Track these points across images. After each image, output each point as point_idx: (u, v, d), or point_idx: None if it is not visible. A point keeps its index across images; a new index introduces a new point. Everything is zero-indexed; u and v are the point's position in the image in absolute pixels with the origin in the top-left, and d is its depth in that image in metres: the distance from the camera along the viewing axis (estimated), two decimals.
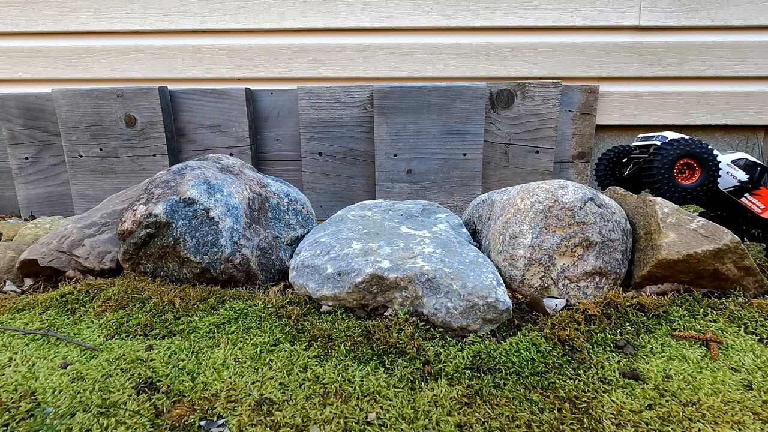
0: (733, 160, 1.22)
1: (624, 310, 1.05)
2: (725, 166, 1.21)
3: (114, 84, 2.03)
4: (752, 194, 1.21)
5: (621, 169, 1.34)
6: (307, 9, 1.98)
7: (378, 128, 1.92)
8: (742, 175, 1.21)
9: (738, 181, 1.21)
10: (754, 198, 1.21)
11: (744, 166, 1.22)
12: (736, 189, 1.22)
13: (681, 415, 0.75)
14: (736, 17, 1.95)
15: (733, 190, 1.22)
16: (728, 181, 1.22)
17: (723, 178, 1.21)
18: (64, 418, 0.74)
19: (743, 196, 1.22)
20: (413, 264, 1.05)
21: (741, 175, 1.21)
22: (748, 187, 1.21)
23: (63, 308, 1.10)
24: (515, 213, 1.18)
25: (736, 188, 1.22)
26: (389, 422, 0.74)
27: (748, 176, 1.21)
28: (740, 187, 1.21)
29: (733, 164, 1.22)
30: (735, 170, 1.21)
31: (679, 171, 1.18)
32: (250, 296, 1.15)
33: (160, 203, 1.16)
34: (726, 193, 1.23)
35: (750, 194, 1.21)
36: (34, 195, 2.04)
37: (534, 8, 1.96)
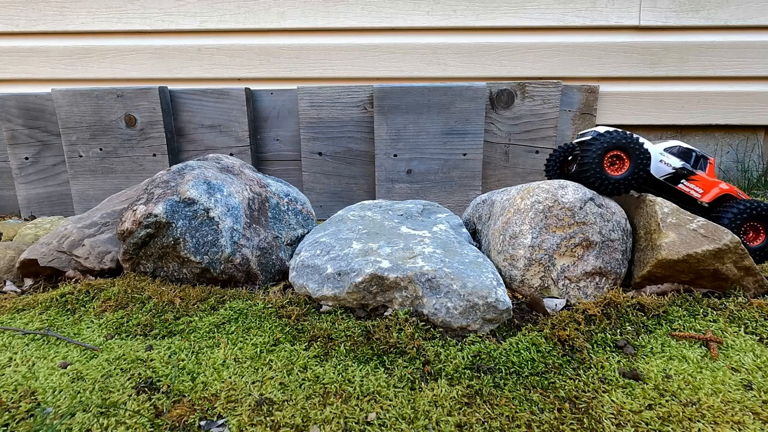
0: (666, 149, 1.23)
1: (624, 310, 1.05)
2: (658, 155, 1.22)
3: (114, 84, 2.03)
4: (689, 180, 1.23)
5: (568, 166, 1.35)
6: (307, 9, 1.98)
7: (378, 128, 1.92)
8: (677, 162, 1.22)
9: (673, 168, 1.22)
10: (692, 183, 1.23)
11: (678, 153, 1.23)
12: (672, 176, 1.23)
13: (681, 415, 0.75)
14: (736, 17, 1.95)
15: (669, 177, 1.23)
16: (663, 169, 1.23)
17: (658, 166, 1.22)
18: (64, 418, 0.74)
19: (680, 182, 1.23)
20: (413, 264, 1.05)
21: (675, 162, 1.22)
22: (683, 173, 1.22)
23: (63, 308, 1.10)
24: (515, 213, 1.18)
25: (672, 175, 1.23)
26: (389, 422, 0.74)
27: (683, 162, 1.22)
28: (676, 174, 1.23)
29: (666, 152, 1.23)
30: (669, 158, 1.22)
31: (610, 163, 1.20)
32: (250, 296, 1.15)
33: (160, 203, 1.16)
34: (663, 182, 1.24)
35: (687, 180, 1.23)
36: (34, 195, 2.04)
37: (534, 8, 1.96)
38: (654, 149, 1.22)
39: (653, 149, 1.22)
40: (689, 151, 1.23)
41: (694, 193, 1.23)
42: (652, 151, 1.21)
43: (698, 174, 1.23)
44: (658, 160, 1.22)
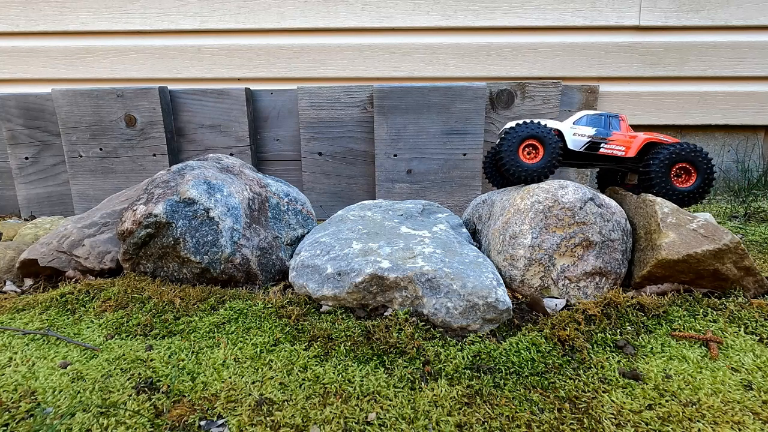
0: (574, 122, 1.26)
1: (624, 310, 1.05)
2: (569, 130, 1.25)
3: (114, 84, 2.03)
4: (607, 143, 1.25)
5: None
6: (307, 9, 1.98)
7: (378, 128, 1.92)
8: (590, 130, 1.25)
9: (588, 137, 1.25)
10: (611, 144, 1.25)
11: (588, 121, 1.26)
12: (590, 144, 1.25)
13: (681, 415, 0.75)
14: (736, 17, 1.95)
15: (588, 146, 1.26)
16: (580, 141, 1.25)
17: (574, 140, 1.25)
18: (64, 418, 0.74)
19: (600, 147, 1.25)
20: (413, 264, 1.05)
21: (588, 130, 1.25)
22: (600, 138, 1.25)
23: (63, 308, 1.10)
24: (515, 213, 1.18)
25: (590, 143, 1.25)
26: (389, 422, 0.74)
27: (596, 128, 1.25)
28: (593, 141, 1.25)
29: (576, 125, 1.26)
30: (580, 129, 1.25)
31: (527, 153, 1.23)
32: (250, 296, 1.15)
33: (160, 203, 1.16)
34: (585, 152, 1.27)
35: (606, 143, 1.25)
36: (34, 195, 2.04)
37: (534, 8, 1.96)
38: (565, 126, 1.26)
39: (565, 126, 1.25)
40: (598, 115, 1.26)
41: (618, 153, 1.25)
42: (564, 129, 1.25)
43: (614, 134, 1.25)
44: (572, 134, 1.25)
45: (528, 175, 1.23)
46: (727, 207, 1.90)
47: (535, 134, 1.21)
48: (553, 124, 1.26)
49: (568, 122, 1.26)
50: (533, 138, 1.21)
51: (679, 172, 1.21)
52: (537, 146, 1.22)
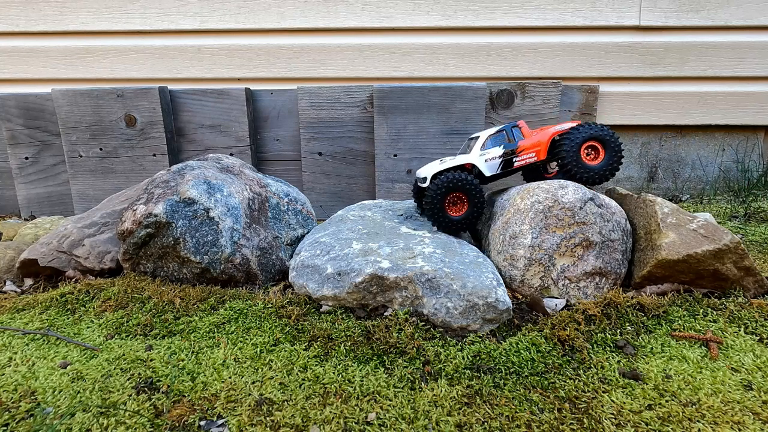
0: (480, 148, 1.26)
1: (624, 310, 1.05)
2: (480, 159, 1.25)
3: (114, 84, 2.03)
4: (518, 155, 1.25)
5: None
6: (307, 9, 1.98)
7: (378, 128, 1.92)
8: (497, 150, 1.25)
9: (499, 157, 1.25)
10: (522, 155, 1.25)
11: (493, 141, 1.26)
12: (504, 162, 1.26)
13: (681, 415, 0.75)
14: (736, 17, 1.95)
15: (504, 164, 1.26)
16: (494, 164, 1.26)
17: (488, 166, 1.26)
18: (64, 418, 0.74)
19: (514, 161, 1.26)
20: (413, 264, 1.05)
21: (496, 151, 1.25)
22: (509, 153, 1.25)
23: (63, 308, 1.10)
24: (515, 213, 1.18)
25: (504, 161, 1.26)
26: (389, 422, 0.74)
27: (502, 146, 1.25)
28: (505, 159, 1.25)
29: (483, 151, 1.26)
30: (489, 153, 1.25)
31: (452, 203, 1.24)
32: (250, 296, 1.15)
33: (160, 203, 1.16)
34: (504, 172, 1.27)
35: (517, 156, 1.25)
36: (34, 195, 2.04)
37: (534, 8, 1.96)
38: (474, 156, 1.25)
39: (474, 157, 1.25)
40: (498, 132, 1.26)
41: (530, 160, 1.26)
42: (476, 160, 1.25)
43: (520, 144, 1.25)
44: (484, 161, 1.25)
45: (452, 226, 1.24)
46: (727, 207, 1.90)
47: (457, 186, 1.21)
48: (465, 158, 1.24)
49: (476, 150, 1.26)
50: (457, 191, 1.21)
51: (589, 151, 1.22)
52: (463, 198, 1.23)
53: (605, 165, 1.23)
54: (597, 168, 1.22)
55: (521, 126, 1.27)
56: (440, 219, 1.23)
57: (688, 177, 2.18)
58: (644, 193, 1.27)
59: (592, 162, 1.23)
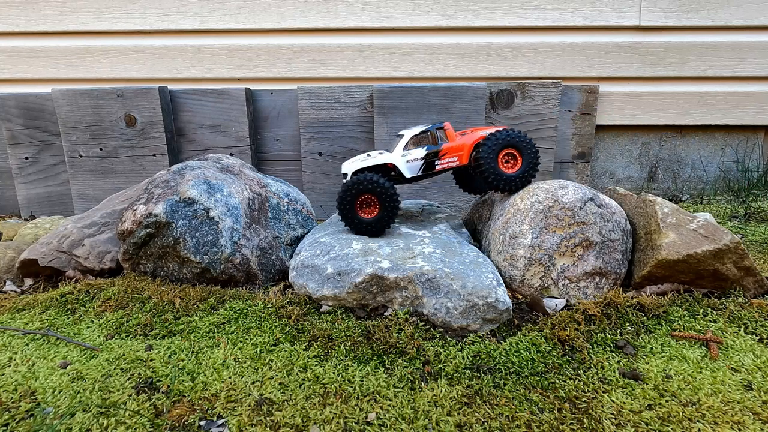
0: (403, 149, 1.23)
1: (624, 310, 1.05)
2: (401, 159, 1.22)
3: (114, 84, 2.03)
4: (440, 158, 1.23)
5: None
6: (307, 9, 1.98)
7: (378, 128, 1.92)
8: (420, 151, 1.22)
9: (421, 159, 1.22)
10: (445, 159, 1.23)
11: (416, 142, 1.23)
12: (426, 164, 1.23)
13: (681, 415, 0.75)
14: (736, 17, 1.95)
15: (425, 166, 1.23)
16: (416, 166, 1.23)
17: (410, 167, 1.23)
18: (64, 418, 0.74)
19: (436, 164, 1.23)
20: (413, 264, 1.05)
21: (419, 152, 1.22)
22: (431, 155, 1.22)
23: (63, 308, 1.10)
24: (515, 213, 1.18)
25: (426, 164, 1.23)
26: (389, 422, 0.74)
27: (425, 147, 1.23)
28: (427, 161, 1.23)
29: (406, 151, 1.23)
30: (411, 153, 1.22)
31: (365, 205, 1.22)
32: (250, 296, 1.15)
33: (160, 203, 1.16)
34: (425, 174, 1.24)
35: (439, 159, 1.23)
36: (34, 195, 2.04)
37: (534, 8, 1.96)
38: (396, 156, 1.22)
39: (396, 157, 1.22)
40: (422, 132, 1.23)
41: (454, 164, 1.24)
42: (397, 160, 1.22)
43: (444, 147, 1.23)
44: (406, 162, 1.23)
45: (367, 229, 1.22)
46: (727, 207, 1.90)
47: (369, 189, 1.19)
48: (386, 158, 1.22)
49: (399, 150, 1.23)
50: (368, 192, 1.19)
51: (507, 158, 1.20)
52: (374, 200, 1.20)
53: (522, 173, 1.21)
54: (514, 176, 1.20)
55: (446, 128, 1.24)
56: (351, 220, 1.21)
57: (688, 177, 2.18)
58: (644, 193, 1.27)
59: (509, 170, 1.21)
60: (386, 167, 1.24)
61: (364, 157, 1.26)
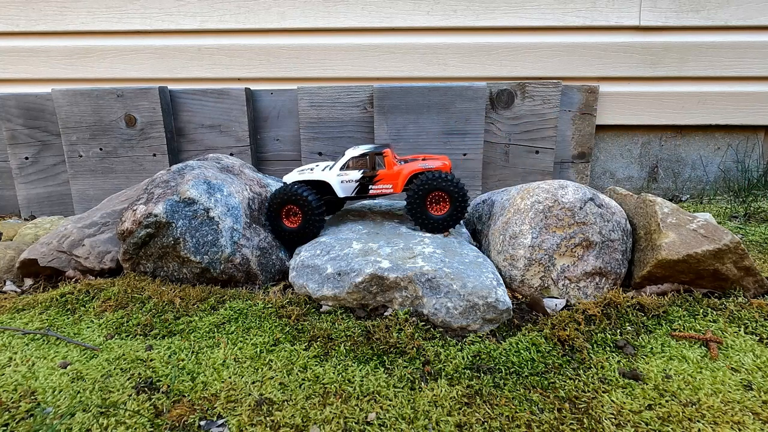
0: (341, 168, 1.25)
1: (624, 310, 1.05)
2: (336, 179, 1.24)
3: (114, 84, 2.03)
4: (374, 183, 1.24)
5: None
6: (307, 9, 1.98)
7: (378, 128, 1.92)
8: (356, 174, 1.24)
9: (356, 181, 1.24)
10: (379, 185, 1.24)
11: (355, 164, 1.25)
12: (360, 187, 1.24)
13: (681, 415, 0.75)
14: (736, 17, 1.95)
15: (359, 189, 1.25)
16: (349, 187, 1.25)
17: (343, 187, 1.25)
18: (64, 418, 0.74)
19: (369, 189, 1.24)
20: (413, 264, 1.05)
21: (355, 174, 1.24)
22: (366, 179, 1.24)
23: (63, 308, 1.10)
24: (515, 213, 1.18)
25: (360, 186, 1.24)
26: (389, 422, 0.74)
27: (362, 171, 1.24)
28: (362, 184, 1.24)
29: (343, 171, 1.25)
30: (347, 174, 1.24)
31: (287, 215, 1.26)
32: (250, 296, 1.15)
33: (160, 203, 1.16)
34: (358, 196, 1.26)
35: (373, 184, 1.24)
36: (34, 195, 2.04)
37: (534, 8, 1.96)
38: (332, 175, 1.24)
39: (332, 176, 1.24)
40: (363, 155, 1.24)
41: (386, 191, 1.24)
42: (332, 179, 1.24)
43: (380, 173, 1.24)
44: (340, 182, 1.24)
45: (291, 237, 1.25)
46: (727, 207, 1.90)
47: (291, 199, 1.22)
48: (322, 175, 1.24)
49: (336, 168, 1.25)
50: (291, 203, 1.23)
51: (437, 199, 1.21)
52: (297, 211, 1.24)
53: (449, 216, 1.21)
54: (440, 218, 1.21)
55: (386, 154, 1.25)
56: (275, 227, 1.26)
57: (688, 177, 2.18)
58: (644, 193, 1.27)
59: (437, 213, 1.22)
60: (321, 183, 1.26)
61: (309, 168, 1.29)
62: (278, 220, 1.26)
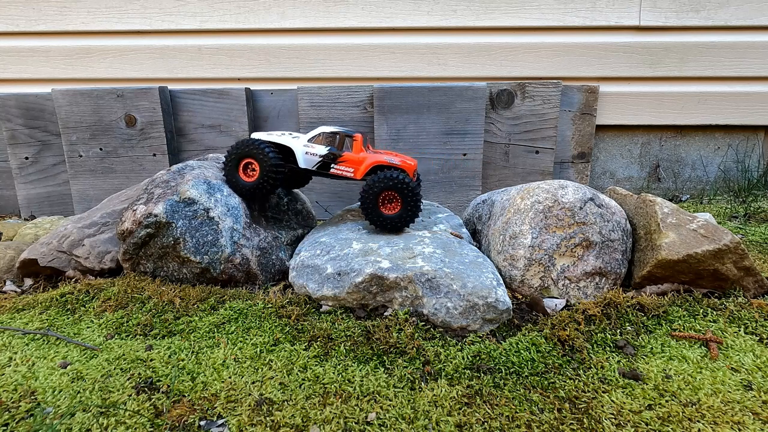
0: (309, 139, 1.26)
1: (624, 310, 1.05)
2: (302, 149, 1.25)
3: (114, 84, 2.03)
4: (338, 163, 1.24)
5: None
6: (307, 9, 1.98)
7: (378, 128, 1.92)
8: (322, 149, 1.24)
9: (320, 156, 1.24)
10: (341, 165, 1.24)
11: (323, 139, 1.25)
12: (322, 163, 1.25)
13: (681, 415, 0.75)
14: (736, 17, 1.95)
15: (320, 165, 1.25)
16: (312, 160, 1.25)
17: (306, 159, 1.25)
18: (64, 418, 0.74)
19: (332, 167, 1.25)
20: (413, 264, 1.05)
21: (321, 149, 1.24)
22: (331, 158, 1.24)
23: (63, 308, 1.10)
24: (515, 213, 1.18)
25: (322, 163, 1.25)
26: (389, 422, 0.74)
27: (329, 148, 1.24)
28: (325, 162, 1.25)
29: (311, 143, 1.25)
30: (314, 147, 1.25)
31: (243, 170, 1.26)
32: (250, 296, 1.15)
33: (160, 203, 1.16)
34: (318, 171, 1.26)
35: (336, 164, 1.24)
36: (34, 195, 2.04)
37: (534, 8, 1.96)
38: (298, 144, 1.25)
39: (298, 144, 1.25)
40: (333, 134, 1.25)
41: (347, 174, 1.25)
42: (297, 147, 1.25)
43: (345, 154, 1.24)
44: (304, 153, 1.25)
45: (246, 192, 1.25)
46: (727, 207, 1.90)
47: (249, 153, 1.22)
48: (288, 141, 1.25)
49: (304, 138, 1.26)
50: (248, 156, 1.23)
51: (391, 198, 1.21)
52: (253, 164, 1.23)
53: (400, 216, 1.21)
54: (391, 218, 1.21)
55: (356, 139, 1.25)
56: (231, 179, 1.27)
57: (688, 177, 2.18)
58: (644, 193, 1.27)
59: (388, 212, 1.22)
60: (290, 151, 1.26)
61: (279, 133, 1.30)
62: (235, 173, 1.26)
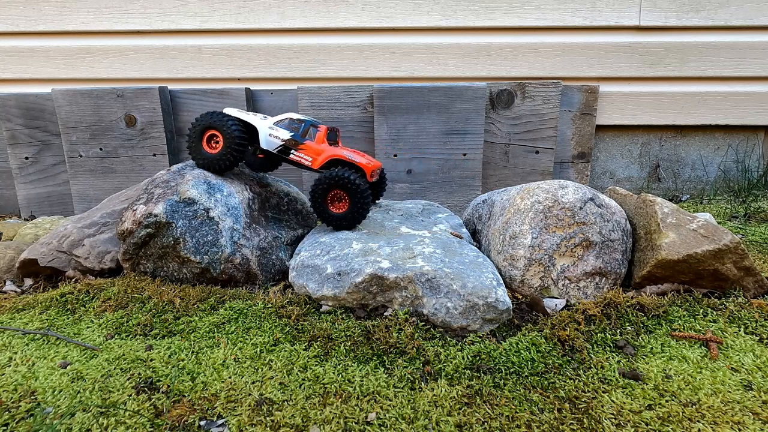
0: (275, 122, 1.27)
1: (624, 310, 1.05)
2: (267, 130, 1.27)
3: (114, 84, 2.03)
4: (298, 150, 1.26)
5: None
6: (307, 9, 1.98)
7: (378, 128, 1.92)
8: (285, 134, 1.26)
9: (282, 140, 1.26)
10: (301, 153, 1.26)
11: (288, 125, 1.27)
12: (283, 148, 1.27)
13: (681, 415, 0.75)
14: (736, 17, 1.95)
15: (281, 149, 1.27)
16: (274, 142, 1.27)
17: (269, 140, 1.27)
18: (64, 418, 0.74)
19: (291, 153, 1.27)
20: (413, 264, 1.05)
21: (284, 134, 1.26)
22: (292, 144, 1.26)
23: (63, 308, 1.10)
24: (515, 213, 1.18)
25: (282, 147, 1.27)
26: (389, 422, 0.74)
27: (292, 134, 1.26)
28: (285, 146, 1.26)
29: (276, 126, 1.27)
30: (277, 131, 1.26)
31: (207, 141, 1.28)
32: (250, 296, 1.15)
33: (160, 203, 1.16)
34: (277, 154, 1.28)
35: (296, 150, 1.26)
36: (34, 195, 2.04)
37: (534, 8, 1.96)
38: (264, 124, 1.27)
39: (263, 124, 1.27)
40: (299, 121, 1.27)
41: (305, 162, 1.27)
42: (262, 127, 1.27)
43: (307, 143, 1.26)
44: (268, 134, 1.27)
45: (206, 163, 1.28)
46: (727, 207, 1.90)
47: (211, 125, 1.25)
48: (253, 119, 1.27)
49: (270, 121, 1.28)
50: (211, 128, 1.25)
51: (339, 197, 1.23)
52: (217, 135, 1.26)
53: (347, 215, 1.22)
54: (339, 216, 1.23)
55: (320, 130, 1.27)
56: (194, 150, 1.28)
57: (688, 177, 2.18)
58: (644, 193, 1.27)
59: (337, 210, 1.24)
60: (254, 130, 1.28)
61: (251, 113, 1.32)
62: (199, 144, 1.27)
